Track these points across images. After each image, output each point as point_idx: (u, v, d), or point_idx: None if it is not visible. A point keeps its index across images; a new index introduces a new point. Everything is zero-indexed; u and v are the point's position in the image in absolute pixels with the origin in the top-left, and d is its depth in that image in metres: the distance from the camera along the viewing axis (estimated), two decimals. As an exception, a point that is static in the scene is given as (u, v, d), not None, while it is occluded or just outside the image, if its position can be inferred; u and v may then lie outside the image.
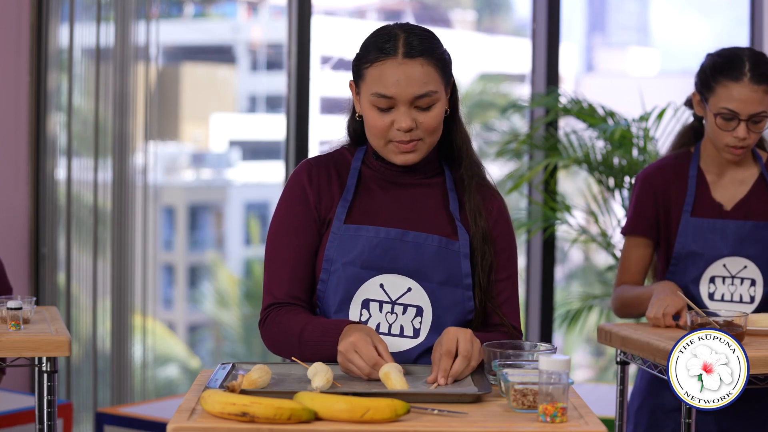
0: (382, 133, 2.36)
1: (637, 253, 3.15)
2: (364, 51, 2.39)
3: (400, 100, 2.33)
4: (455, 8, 10.66)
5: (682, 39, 11.31)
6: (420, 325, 2.38)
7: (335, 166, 2.47)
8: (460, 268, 2.40)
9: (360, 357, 2.18)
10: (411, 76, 2.33)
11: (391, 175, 2.45)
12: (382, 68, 2.34)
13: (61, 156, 4.71)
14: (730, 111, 2.96)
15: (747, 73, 2.95)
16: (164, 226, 10.58)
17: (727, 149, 3.01)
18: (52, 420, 2.74)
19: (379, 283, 2.37)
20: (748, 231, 3.05)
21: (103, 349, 4.79)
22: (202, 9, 10.95)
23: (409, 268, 2.38)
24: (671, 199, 3.11)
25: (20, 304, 2.80)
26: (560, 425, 1.94)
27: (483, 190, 2.47)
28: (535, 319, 5.16)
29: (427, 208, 2.44)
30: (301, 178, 2.45)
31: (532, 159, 5.03)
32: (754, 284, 3.05)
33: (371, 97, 2.35)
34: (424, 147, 2.38)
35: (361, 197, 2.43)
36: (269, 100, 10.84)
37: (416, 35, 2.36)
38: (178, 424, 1.92)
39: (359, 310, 2.37)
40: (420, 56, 2.34)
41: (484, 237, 2.42)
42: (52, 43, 4.63)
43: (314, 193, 2.43)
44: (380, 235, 2.38)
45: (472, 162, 2.47)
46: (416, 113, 2.35)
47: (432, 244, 2.39)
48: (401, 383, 2.12)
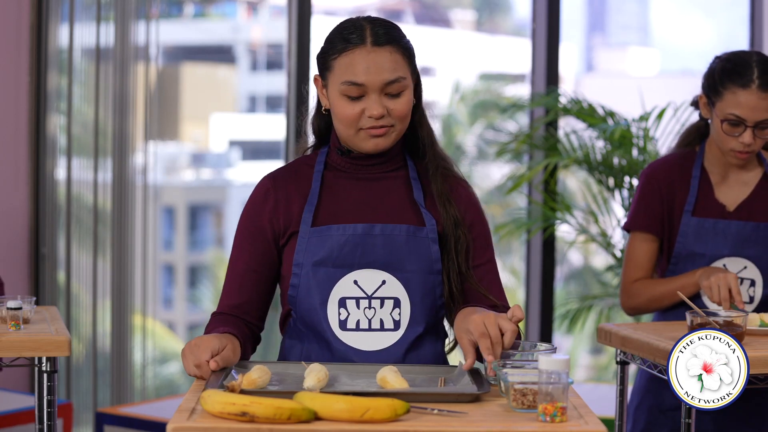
0: (352, 121, 2.37)
1: (645, 247, 3.13)
2: (329, 44, 2.42)
3: (370, 87, 2.35)
4: (455, 8, 10.66)
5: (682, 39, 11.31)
6: (399, 317, 2.39)
7: (298, 174, 2.48)
8: (429, 253, 2.41)
9: (193, 357, 2.20)
10: (380, 64, 2.35)
11: (355, 170, 2.47)
12: (351, 57, 2.36)
13: (61, 156, 4.71)
14: (737, 117, 2.95)
15: (756, 80, 2.94)
16: (164, 226, 10.58)
17: (732, 154, 3.01)
18: (52, 420, 2.74)
19: (353, 280, 2.39)
20: (750, 232, 3.05)
21: (103, 349, 4.79)
22: (202, 9, 10.95)
23: (381, 261, 2.39)
24: (675, 196, 3.11)
25: (20, 304, 2.80)
26: (560, 425, 1.94)
27: (450, 179, 2.49)
28: (535, 319, 5.16)
29: (392, 199, 2.45)
30: (259, 196, 2.47)
31: (532, 159, 5.03)
32: (753, 285, 3.05)
33: (341, 86, 2.36)
34: (394, 133, 2.40)
35: (326, 199, 2.45)
36: (269, 100, 10.84)
37: (381, 25, 2.40)
38: (178, 424, 1.92)
39: (337, 309, 2.38)
40: (388, 44, 2.37)
41: (455, 222, 2.44)
42: (52, 43, 4.63)
43: (271, 209, 2.45)
44: (348, 232, 2.40)
45: (436, 153, 2.49)
46: (386, 100, 2.37)
47: (400, 234, 2.41)
48: (399, 383, 2.13)
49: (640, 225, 3.13)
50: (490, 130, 9.09)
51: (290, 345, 2.46)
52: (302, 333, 2.43)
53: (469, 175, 8.86)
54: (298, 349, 2.43)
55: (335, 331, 2.37)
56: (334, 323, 2.38)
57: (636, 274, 3.14)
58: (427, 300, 2.41)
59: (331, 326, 2.37)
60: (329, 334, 2.37)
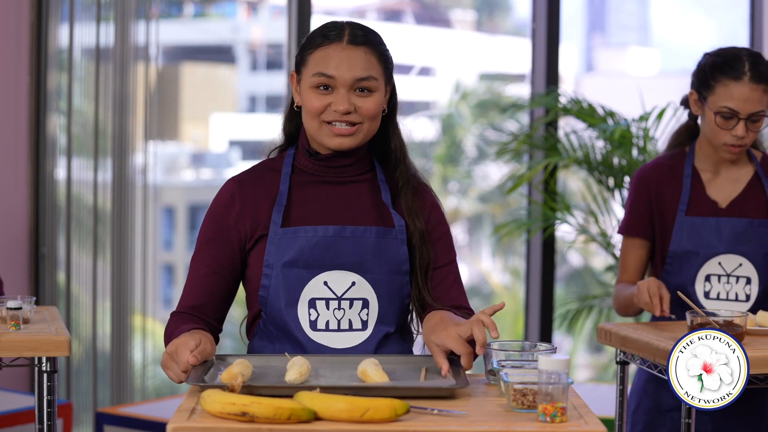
0: (317, 112, 2.39)
1: (635, 253, 3.17)
2: (308, 40, 2.44)
3: (340, 81, 2.38)
4: (455, 8, 10.65)
5: (682, 39, 11.31)
6: (367, 317, 2.42)
7: (263, 178, 2.48)
8: (398, 254, 2.44)
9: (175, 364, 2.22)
10: (353, 61, 2.38)
11: (323, 174, 2.48)
12: (325, 51, 2.39)
13: (61, 156, 4.71)
14: (730, 110, 2.97)
15: (747, 73, 2.97)
16: (164, 226, 10.57)
17: (726, 148, 3.03)
18: (52, 420, 2.74)
19: (323, 281, 2.41)
20: (743, 228, 3.07)
21: (103, 349, 4.79)
22: (201, 9, 10.94)
23: (351, 263, 2.41)
24: (666, 198, 3.13)
25: (20, 303, 2.80)
26: (560, 425, 1.94)
27: (418, 191, 2.51)
28: (535, 319, 5.16)
29: (361, 202, 2.47)
30: (224, 199, 2.47)
31: (532, 159, 5.03)
32: (749, 282, 3.06)
33: (312, 78, 2.39)
34: (361, 133, 2.42)
35: (295, 200, 2.46)
36: (269, 100, 10.83)
37: (361, 28, 2.43)
38: (178, 424, 1.92)
39: (307, 310, 2.40)
40: (364, 45, 2.40)
41: (421, 237, 2.46)
42: (52, 42, 4.63)
43: (237, 213, 2.45)
44: (318, 234, 2.41)
45: (407, 167, 2.51)
46: (355, 98, 2.39)
47: (370, 236, 2.43)
48: (380, 376, 2.15)
49: (630, 230, 3.17)
50: (491, 130, 9.09)
51: (260, 347, 2.47)
52: (273, 334, 2.44)
53: (469, 175, 8.87)
54: (269, 350, 2.44)
55: (306, 331, 2.40)
56: (305, 323, 2.40)
57: (621, 277, 3.19)
58: (395, 301, 2.44)
59: (302, 326, 2.40)
60: (300, 334, 2.40)
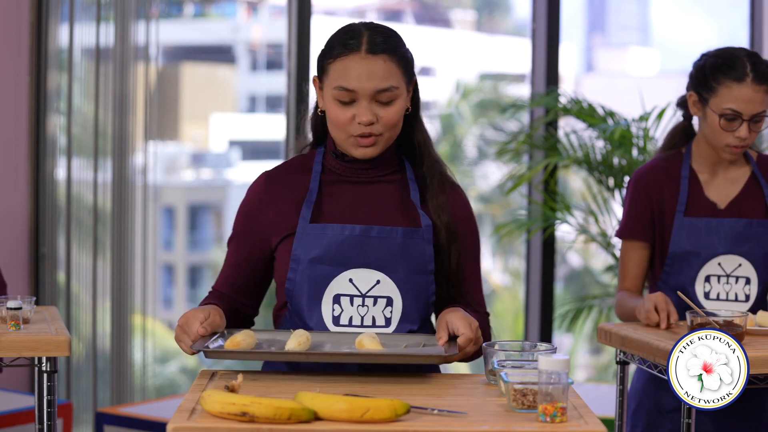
0: (343, 126, 2.43)
1: (635, 256, 3.16)
2: (328, 47, 2.46)
3: (361, 93, 2.40)
4: (455, 8, 10.65)
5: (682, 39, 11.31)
6: (391, 314, 2.45)
7: (294, 176, 2.54)
8: (424, 254, 2.47)
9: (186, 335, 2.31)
10: (373, 71, 2.40)
11: (352, 174, 2.52)
12: (345, 63, 2.41)
13: (61, 156, 4.71)
14: (734, 111, 2.97)
15: (749, 74, 2.96)
16: (164, 226, 10.57)
17: (728, 149, 3.03)
18: (52, 420, 2.74)
19: (349, 278, 2.44)
20: (742, 229, 3.07)
21: (103, 349, 4.79)
22: (201, 9, 10.94)
23: (377, 262, 2.45)
24: (664, 199, 3.12)
25: (20, 303, 2.80)
26: (560, 425, 1.94)
27: (446, 188, 2.54)
28: (535, 319, 5.16)
29: (388, 201, 2.51)
30: (253, 192, 2.54)
31: (532, 159, 5.03)
32: (749, 282, 3.06)
33: (334, 90, 2.41)
34: (382, 142, 2.45)
35: (324, 197, 2.50)
36: (269, 100, 10.83)
37: (379, 33, 2.44)
38: (178, 424, 1.92)
39: (331, 305, 2.45)
40: (382, 53, 2.41)
41: (448, 233, 2.49)
42: (52, 43, 4.63)
43: (265, 208, 2.51)
44: (345, 232, 2.45)
45: (433, 161, 2.54)
46: (377, 108, 2.41)
47: (396, 236, 2.46)
48: (374, 346, 2.24)
49: (630, 232, 3.16)
50: (491, 130, 9.08)
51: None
52: (297, 326, 2.48)
53: (469, 175, 8.87)
54: None
55: (328, 326, 2.44)
56: (327, 319, 2.44)
57: (624, 283, 3.18)
58: (419, 299, 2.47)
59: (325, 321, 2.44)
60: (322, 329, 2.44)
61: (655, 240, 3.14)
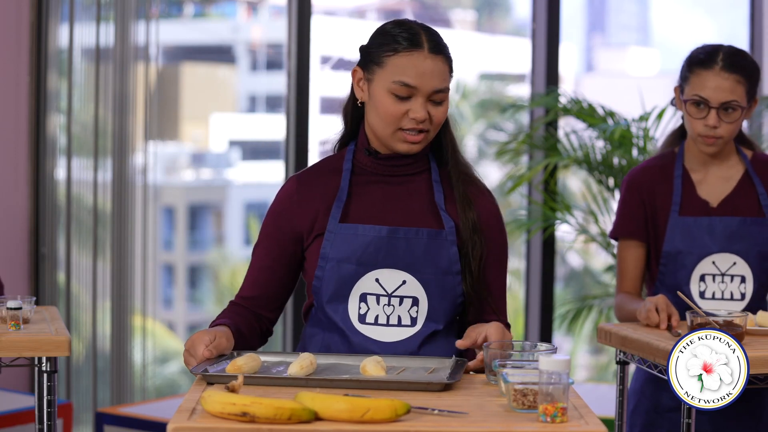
0: (394, 120, 2.45)
1: (632, 255, 3.16)
2: (385, 39, 2.48)
3: (420, 91, 2.44)
4: (455, 8, 10.64)
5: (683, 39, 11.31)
6: (417, 314, 2.48)
7: (323, 178, 2.56)
8: (448, 255, 2.49)
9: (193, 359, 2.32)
10: (434, 71, 2.44)
11: (381, 170, 2.54)
12: (408, 58, 2.44)
13: (61, 156, 4.71)
14: (700, 97, 3.00)
15: (719, 62, 3.00)
16: (164, 226, 10.57)
17: (701, 140, 3.05)
18: (52, 420, 2.74)
19: (375, 278, 2.47)
20: (736, 227, 3.07)
21: (103, 349, 4.79)
22: (201, 9, 10.93)
23: (403, 263, 2.48)
24: (657, 199, 3.13)
25: (20, 303, 2.80)
26: (560, 425, 1.94)
27: (471, 187, 2.56)
28: (535, 319, 5.16)
29: (414, 202, 2.53)
30: (283, 196, 2.57)
31: (532, 159, 5.03)
32: (744, 281, 3.06)
33: (392, 84, 2.44)
34: (426, 139, 2.49)
35: (354, 197, 2.53)
36: (269, 100, 10.82)
37: (434, 33, 2.49)
38: (178, 424, 1.92)
39: (358, 303, 2.47)
40: (441, 53, 2.47)
41: (473, 228, 2.51)
42: (51, 43, 4.63)
43: (295, 211, 2.54)
44: (373, 233, 2.48)
45: (458, 161, 2.57)
46: (430, 106, 2.46)
47: (422, 238, 2.48)
48: (377, 371, 2.22)
49: (625, 232, 3.16)
50: (491, 130, 9.09)
51: (312, 333, 2.55)
52: (323, 323, 2.52)
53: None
54: (320, 337, 2.53)
55: (354, 323, 2.47)
56: (354, 317, 2.47)
57: (622, 285, 3.18)
58: (445, 300, 2.49)
59: (351, 319, 2.47)
60: (347, 326, 2.47)
61: (650, 240, 3.14)
